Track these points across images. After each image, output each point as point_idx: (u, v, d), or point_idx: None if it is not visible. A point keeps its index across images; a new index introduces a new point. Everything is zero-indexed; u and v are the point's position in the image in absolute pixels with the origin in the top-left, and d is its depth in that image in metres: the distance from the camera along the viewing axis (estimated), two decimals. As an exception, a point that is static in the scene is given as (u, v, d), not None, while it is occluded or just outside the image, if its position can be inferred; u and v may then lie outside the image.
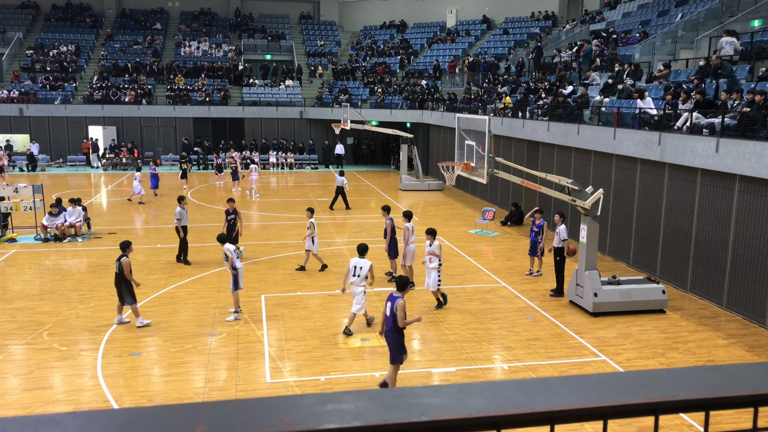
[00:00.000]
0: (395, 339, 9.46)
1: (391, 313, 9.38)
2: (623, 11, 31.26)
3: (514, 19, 43.14)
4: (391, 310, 9.38)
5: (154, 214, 24.91)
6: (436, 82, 41.06)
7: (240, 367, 10.77)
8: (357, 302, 12.15)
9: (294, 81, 44.59)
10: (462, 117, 18.13)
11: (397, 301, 9.36)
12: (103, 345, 11.68)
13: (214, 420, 0.96)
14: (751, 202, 13.17)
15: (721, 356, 11.57)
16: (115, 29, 47.88)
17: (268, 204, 27.24)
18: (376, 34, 49.90)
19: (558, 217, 15.10)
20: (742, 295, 13.52)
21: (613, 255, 18.31)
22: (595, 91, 21.87)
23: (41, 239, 19.84)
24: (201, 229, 21.68)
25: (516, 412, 1.02)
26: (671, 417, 8.24)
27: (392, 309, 9.36)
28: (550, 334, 12.45)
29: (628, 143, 16.79)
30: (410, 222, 15.11)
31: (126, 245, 12.83)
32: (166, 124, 40.77)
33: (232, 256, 12.94)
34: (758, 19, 19.83)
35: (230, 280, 13.13)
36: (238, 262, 13.14)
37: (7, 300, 14.19)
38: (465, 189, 30.18)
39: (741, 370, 1.16)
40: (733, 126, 13.67)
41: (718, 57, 16.50)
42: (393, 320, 9.37)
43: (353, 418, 0.98)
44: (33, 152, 37.64)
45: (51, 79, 41.35)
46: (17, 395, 9.74)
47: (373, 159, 43.26)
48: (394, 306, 9.33)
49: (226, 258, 13.11)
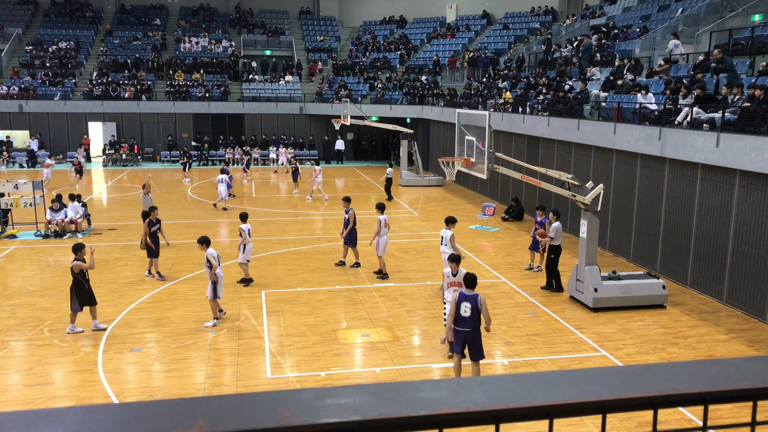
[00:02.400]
0: (479, 336, 9.49)
1: (473, 312, 9.26)
2: (623, 6, 31.19)
3: (514, 14, 43.07)
4: (474, 308, 9.27)
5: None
6: (436, 77, 41.00)
7: (240, 363, 10.78)
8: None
9: (294, 76, 44.54)
10: (462, 112, 18.11)
11: (479, 298, 9.33)
12: (104, 341, 11.69)
13: (213, 414, 0.96)
14: (752, 197, 13.16)
15: (721, 351, 11.58)
16: (114, 25, 47.81)
17: (268, 200, 27.23)
18: (375, 30, 49.81)
19: (552, 215, 15.04)
20: (742, 290, 13.53)
21: (613, 250, 18.31)
22: (595, 86, 21.84)
23: (41, 235, 19.84)
24: (201, 225, 21.68)
25: (515, 406, 1.02)
26: (670, 411, 8.25)
27: (476, 306, 9.27)
28: (550, 330, 12.46)
29: (628, 138, 16.77)
30: (383, 214, 15.68)
31: (77, 248, 12.13)
32: (165, 120, 40.74)
33: (215, 262, 12.27)
34: (759, 13, 19.79)
35: (208, 286, 12.32)
36: (220, 270, 12.44)
37: (7, 296, 14.21)
38: (465, 184, 30.17)
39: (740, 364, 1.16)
40: (733, 121, 13.65)
41: (720, 51, 16.48)
42: (477, 318, 9.30)
43: (352, 412, 0.98)
44: (33, 148, 37.65)
45: (50, 75, 41.29)
46: (18, 391, 9.76)
47: (373, 155, 43.22)
48: (478, 303, 9.28)
49: (208, 264, 12.29)
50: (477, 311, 9.25)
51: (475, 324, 9.31)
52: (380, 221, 15.48)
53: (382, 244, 15.57)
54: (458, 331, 9.42)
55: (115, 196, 28.32)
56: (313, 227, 22.02)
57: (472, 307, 9.24)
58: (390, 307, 13.68)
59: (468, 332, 9.33)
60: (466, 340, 9.38)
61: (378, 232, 15.49)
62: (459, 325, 9.38)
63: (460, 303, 9.32)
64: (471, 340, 9.37)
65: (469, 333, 9.33)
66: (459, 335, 9.42)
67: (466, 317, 9.27)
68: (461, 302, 9.32)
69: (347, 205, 16.62)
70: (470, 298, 9.30)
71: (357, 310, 13.45)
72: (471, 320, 9.28)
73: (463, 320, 9.31)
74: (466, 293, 9.37)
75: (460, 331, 9.38)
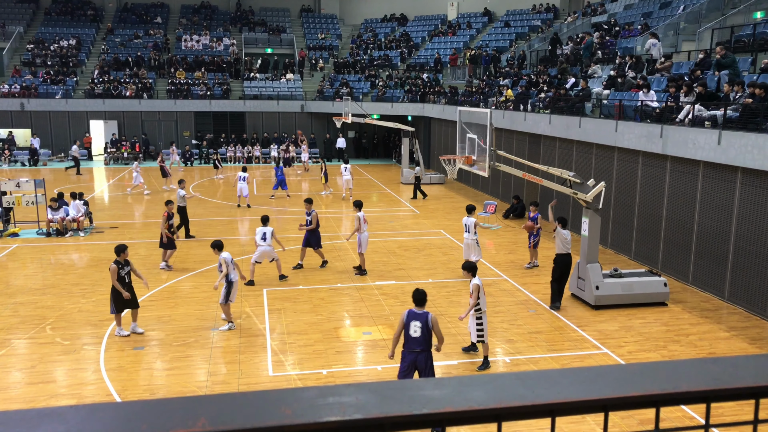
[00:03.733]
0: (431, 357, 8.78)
1: (424, 331, 8.57)
2: (625, 3, 31.12)
3: (515, 12, 42.99)
4: (425, 326, 8.57)
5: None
6: (438, 75, 40.94)
7: (242, 361, 10.80)
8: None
9: (295, 74, 44.50)
10: (463, 110, 18.09)
11: (430, 316, 8.64)
12: (106, 339, 11.71)
13: (215, 413, 0.96)
14: (753, 195, 13.14)
15: (723, 349, 11.58)
16: (115, 23, 47.80)
17: (268, 199, 27.22)
18: (376, 27, 49.75)
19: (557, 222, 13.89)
20: (743, 288, 13.52)
21: (614, 248, 18.29)
22: (596, 84, 21.81)
23: (44, 234, 19.86)
24: (203, 223, 21.70)
25: (517, 405, 1.02)
26: (672, 409, 8.25)
27: (426, 325, 8.58)
28: (551, 327, 12.46)
29: (629, 136, 16.75)
30: (361, 211, 15.80)
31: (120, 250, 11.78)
32: (167, 119, 40.74)
33: (229, 267, 11.93)
34: (761, 11, 19.74)
35: (221, 291, 11.98)
36: (235, 274, 12.11)
37: (9, 294, 14.23)
38: (466, 182, 30.15)
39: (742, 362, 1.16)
40: (735, 118, 13.62)
41: (722, 48, 16.44)
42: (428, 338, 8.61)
43: (354, 410, 0.98)
44: (36, 146, 37.67)
45: (52, 74, 41.29)
46: (20, 389, 9.78)
47: (375, 152, 43.18)
48: (429, 321, 8.59)
49: (220, 268, 12.02)
50: (428, 330, 8.54)
51: (427, 344, 8.57)
52: (359, 218, 15.64)
53: (363, 240, 15.70)
54: (408, 353, 8.61)
55: (117, 194, 28.33)
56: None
57: (422, 326, 8.51)
58: (391, 305, 13.69)
59: (418, 353, 8.55)
60: (416, 362, 8.57)
61: (358, 229, 15.63)
62: (408, 346, 8.60)
63: (409, 322, 8.55)
64: (422, 361, 8.57)
65: (420, 354, 8.55)
66: (409, 357, 8.60)
67: (416, 337, 8.52)
68: (410, 321, 8.55)
69: (309, 207, 16.66)
70: (420, 316, 8.57)
71: (359, 308, 13.46)
72: (422, 340, 8.53)
73: (413, 340, 8.54)
74: (416, 311, 8.62)
75: (411, 352, 8.58)
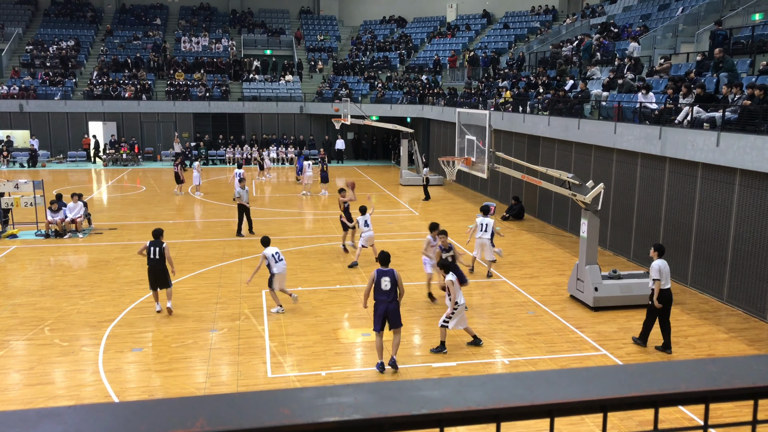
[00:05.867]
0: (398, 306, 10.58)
1: (392, 284, 10.40)
2: (624, 5, 31.18)
3: (514, 14, 43.06)
4: (393, 281, 10.40)
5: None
6: (437, 76, 40.97)
7: (241, 362, 10.79)
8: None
9: (294, 76, 44.51)
10: (462, 112, 18.10)
11: (395, 272, 10.49)
12: (105, 340, 11.69)
13: (214, 413, 0.96)
14: (752, 197, 13.16)
15: (722, 350, 11.58)
16: (114, 25, 47.80)
17: (268, 199, 27.23)
18: (376, 29, 49.78)
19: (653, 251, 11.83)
20: (742, 290, 13.53)
21: (613, 249, 18.30)
22: (595, 86, 21.83)
23: (42, 235, 19.84)
24: (203, 224, 21.69)
25: (516, 405, 1.02)
26: (671, 410, 8.25)
27: (394, 279, 10.42)
28: (550, 329, 12.46)
29: (628, 137, 16.77)
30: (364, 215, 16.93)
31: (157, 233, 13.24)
32: (166, 120, 40.74)
33: (264, 262, 13.05)
34: (759, 12, 19.78)
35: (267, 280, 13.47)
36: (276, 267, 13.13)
37: (8, 296, 14.21)
38: (465, 184, 30.16)
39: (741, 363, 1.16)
40: (733, 120, 13.64)
41: (720, 50, 16.47)
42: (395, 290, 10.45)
43: (353, 411, 0.98)
44: (35, 147, 37.66)
45: (51, 75, 41.28)
46: (19, 390, 9.77)
47: (374, 154, 43.20)
48: (395, 276, 10.43)
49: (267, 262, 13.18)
50: (395, 283, 10.40)
51: (394, 295, 10.43)
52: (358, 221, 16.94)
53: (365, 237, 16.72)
54: (380, 302, 10.41)
55: (116, 195, 28.31)
56: (313, 226, 22.02)
57: (390, 280, 10.38)
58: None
59: (389, 303, 10.37)
60: (387, 310, 10.37)
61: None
62: (380, 298, 10.42)
63: (380, 278, 10.41)
64: (392, 310, 10.38)
65: (390, 303, 10.37)
66: (381, 306, 10.40)
67: (387, 290, 10.38)
68: (381, 278, 10.41)
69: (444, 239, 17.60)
70: (388, 273, 10.44)
71: (357, 310, 13.44)
72: (391, 292, 10.39)
73: (384, 293, 10.40)
74: (383, 270, 10.49)
75: (382, 303, 10.40)
